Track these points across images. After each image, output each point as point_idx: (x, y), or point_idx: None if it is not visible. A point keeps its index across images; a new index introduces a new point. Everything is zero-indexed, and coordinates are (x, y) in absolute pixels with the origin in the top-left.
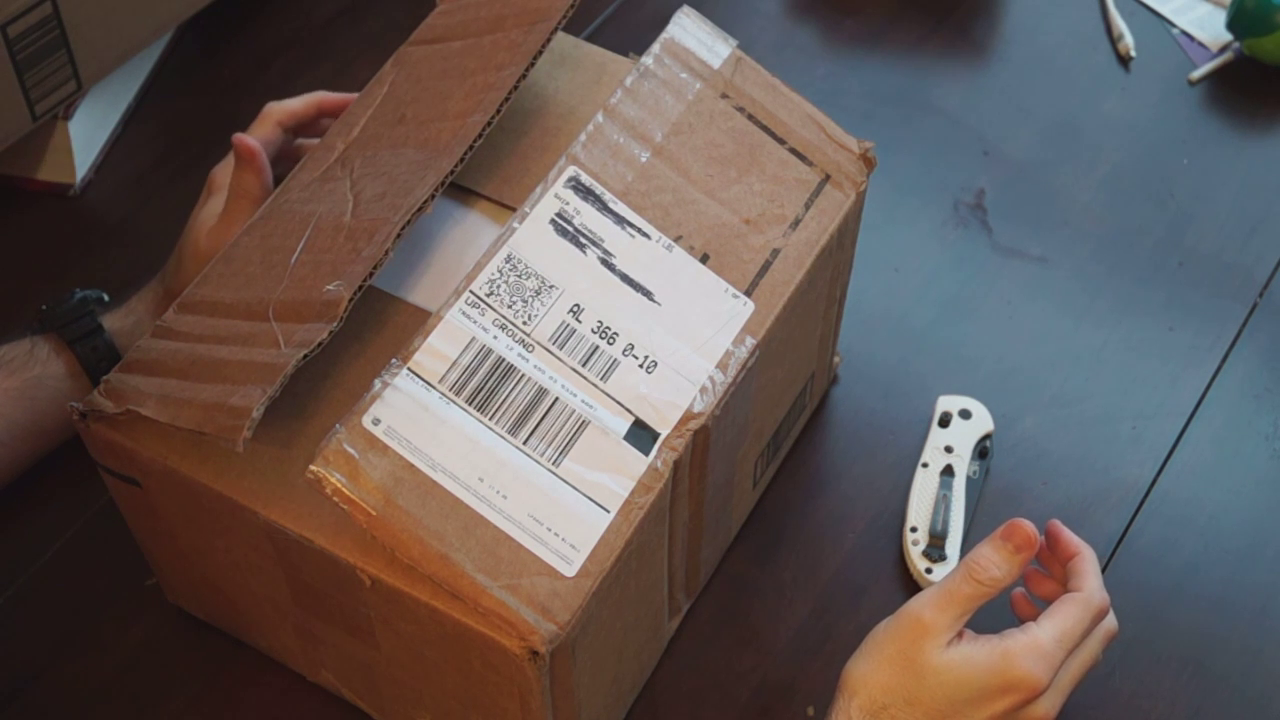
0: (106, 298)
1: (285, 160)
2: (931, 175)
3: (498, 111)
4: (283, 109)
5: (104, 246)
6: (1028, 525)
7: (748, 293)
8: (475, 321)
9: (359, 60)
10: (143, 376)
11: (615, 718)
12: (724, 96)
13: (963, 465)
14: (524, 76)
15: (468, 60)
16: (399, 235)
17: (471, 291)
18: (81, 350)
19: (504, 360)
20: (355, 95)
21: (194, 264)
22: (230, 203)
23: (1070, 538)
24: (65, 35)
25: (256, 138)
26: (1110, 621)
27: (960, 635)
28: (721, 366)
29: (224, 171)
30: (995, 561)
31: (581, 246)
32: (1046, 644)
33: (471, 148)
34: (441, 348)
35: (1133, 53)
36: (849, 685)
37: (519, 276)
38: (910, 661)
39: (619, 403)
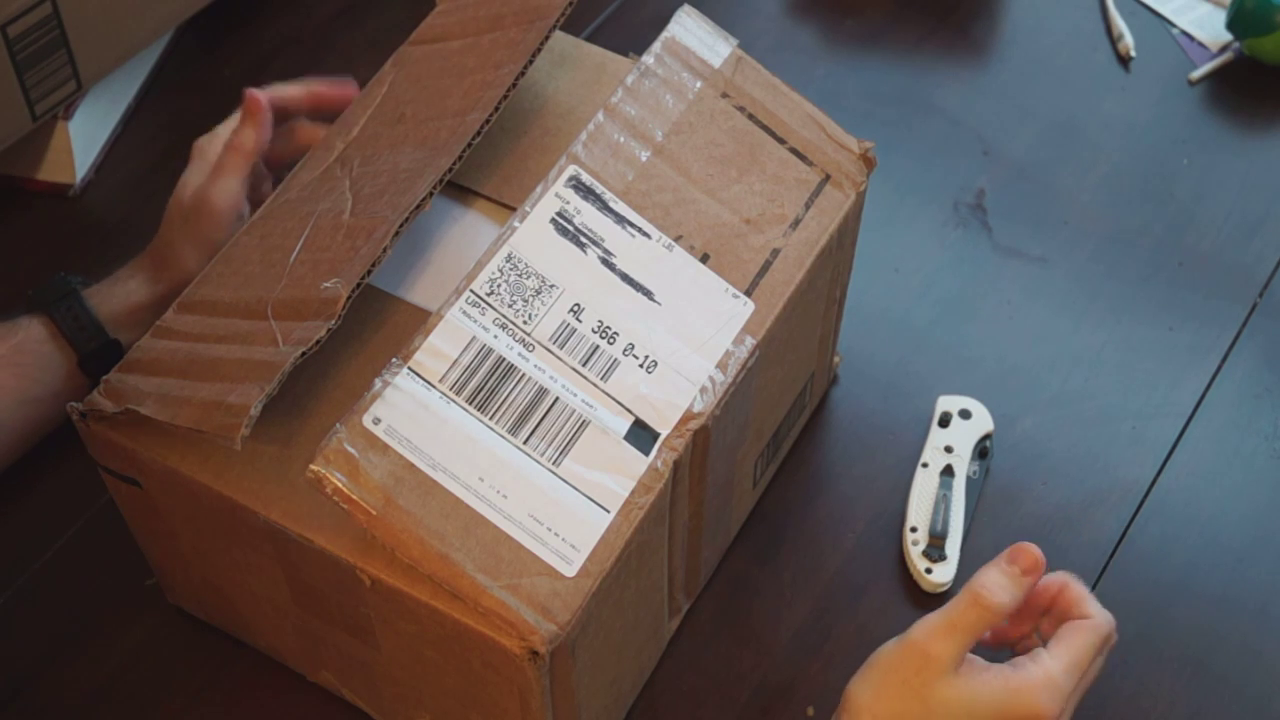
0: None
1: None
2: (931, 175)
3: (496, 109)
4: (280, 94)
5: (104, 246)
6: (1034, 548)
7: (748, 293)
8: (476, 321)
9: (359, 60)
10: (142, 376)
11: (615, 718)
12: (724, 96)
13: (963, 465)
14: (522, 74)
15: (467, 59)
16: (397, 233)
17: (472, 291)
18: (58, 313)
19: (504, 360)
20: (348, 85)
21: (175, 221)
22: (224, 155)
23: (1050, 578)
24: (65, 35)
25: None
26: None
27: (968, 664)
28: (721, 366)
29: (210, 142)
30: (1002, 585)
31: (582, 246)
32: (1058, 676)
33: (470, 145)
34: (442, 347)
35: (1133, 53)
36: (852, 708)
37: (519, 276)
38: (918, 694)
39: (619, 402)
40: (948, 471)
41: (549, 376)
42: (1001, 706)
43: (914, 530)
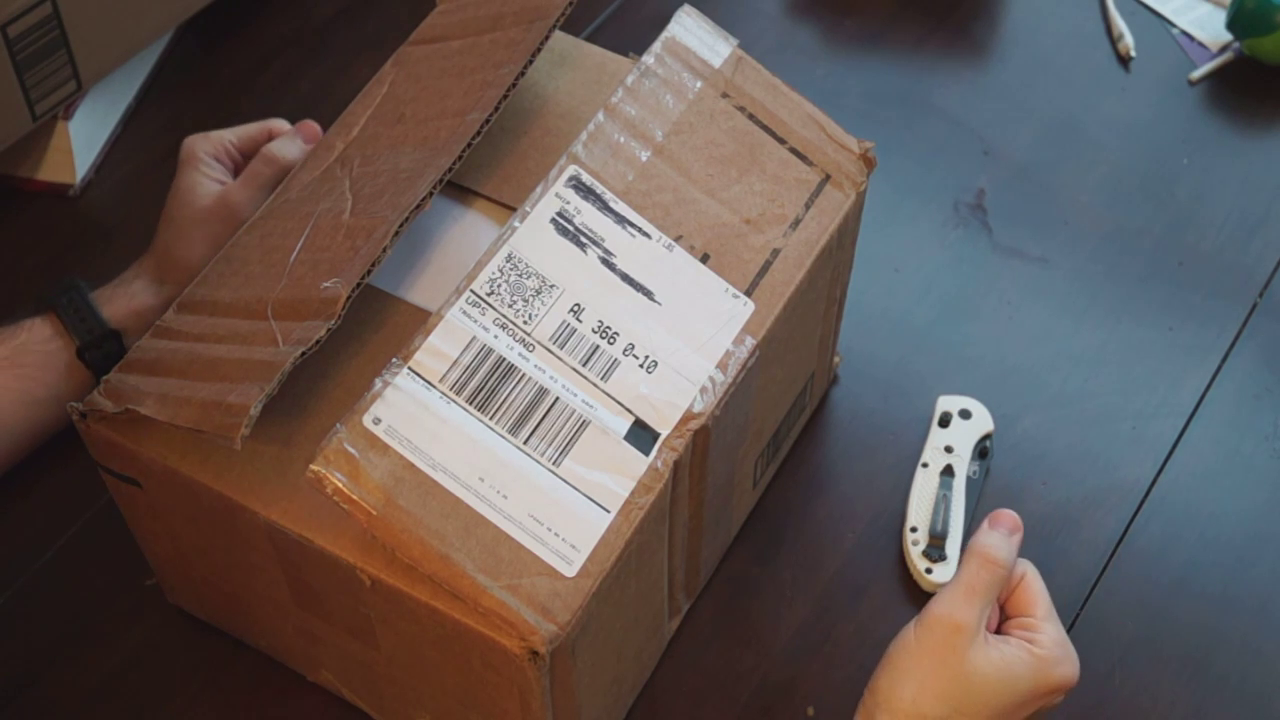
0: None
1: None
2: (931, 175)
3: (496, 109)
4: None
5: (104, 246)
6: (1010, 512)
7: (748, 293)
8: (476, 321)
9: (359, 60)
10: (142, 376)
11: (615, 718)
12: (725, 96)
13: (963, 465)
14: (522, 74)
15: (467, 59)
16: (397, 233)
17: (472, 291)
18: (62, 309)
19: (504, 360)
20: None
21: (185, 222)
22: (259, 164)
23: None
24: (65, 35)
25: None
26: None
27: (989, 635)
28: (721, 366)
29: (203, 143)
30: (999, 543)
31: (582, 246)
32: (1064, 637)
33: (470, 145)
34: (442, 347)
35: (1133, 53)
36: (889, 702)
37: (519, 276)
38: (955, 668)
39: (619, 403)
40: (948, 471)
41: (549, 376)
42: (1035, 679)
43: (914, 530)
